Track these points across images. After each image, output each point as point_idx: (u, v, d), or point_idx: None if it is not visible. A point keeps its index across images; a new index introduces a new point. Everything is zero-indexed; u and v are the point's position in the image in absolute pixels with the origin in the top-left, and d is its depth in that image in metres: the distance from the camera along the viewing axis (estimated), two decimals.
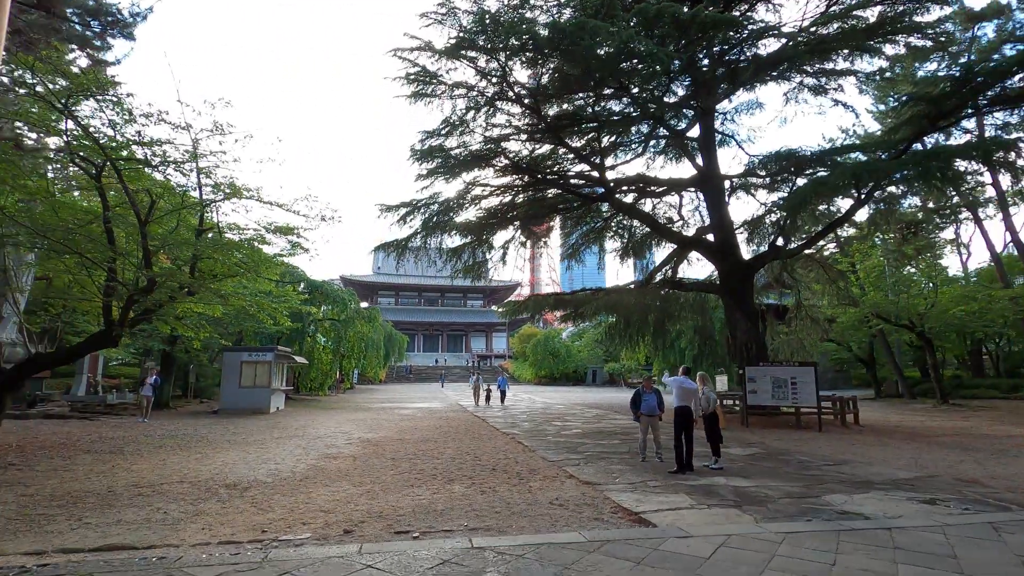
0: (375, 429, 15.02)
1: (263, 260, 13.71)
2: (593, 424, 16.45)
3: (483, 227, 20.43)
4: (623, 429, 14.98)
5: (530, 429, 14.92)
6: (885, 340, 28.03)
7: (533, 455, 10.42)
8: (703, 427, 9.28)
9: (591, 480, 7.93)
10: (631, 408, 9.85)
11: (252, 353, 19.91)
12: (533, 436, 13.35)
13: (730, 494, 7.05)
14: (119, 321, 10.90)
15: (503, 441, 12.57)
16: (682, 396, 8.80)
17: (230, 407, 19.25)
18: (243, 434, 13.68)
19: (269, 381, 19.79)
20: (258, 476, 8.34)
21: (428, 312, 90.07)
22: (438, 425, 16.10)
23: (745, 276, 18.02)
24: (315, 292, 27.39)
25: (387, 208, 17.09)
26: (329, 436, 13.43)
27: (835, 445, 11.97)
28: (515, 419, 17.93)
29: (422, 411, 21.36)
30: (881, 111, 26.98)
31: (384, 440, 12.71)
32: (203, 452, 10.76)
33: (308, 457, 10.21)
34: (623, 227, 25.57)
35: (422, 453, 10.65)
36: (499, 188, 19.01)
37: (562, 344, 55.20)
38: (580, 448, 11.28)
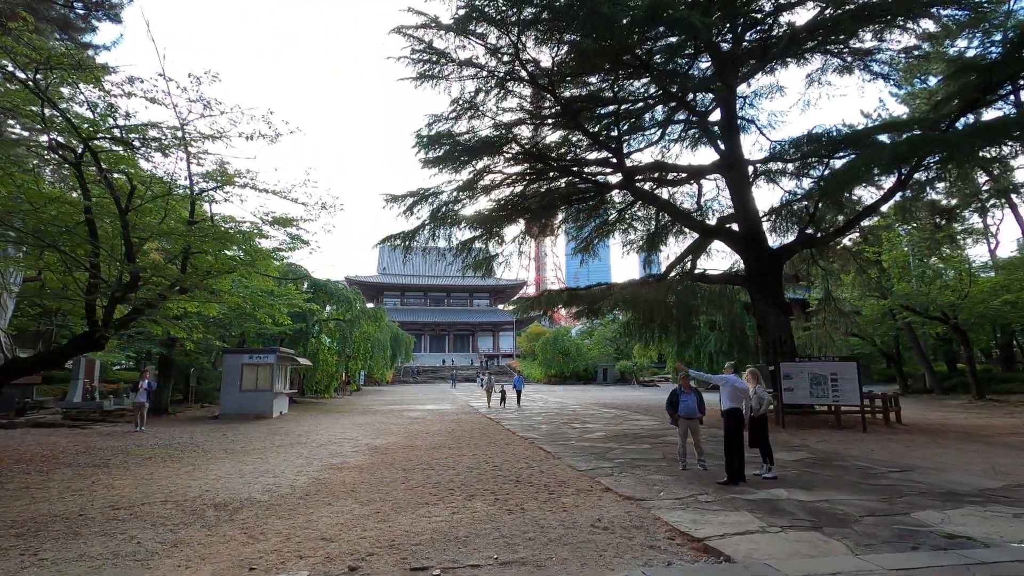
0: (383, 434, 14.05)
1: (260, 254, 12.78)
2: (615, 426, 15.42)
3: (493, 220, 19.42)
4: (649, 431, 13.94)
5: (549, 432, 13.91)
6: (913, 333, 26.83)
7: (559, 463, 9.41)
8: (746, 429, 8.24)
9: (632, 495, 6.91)
10: (667, 410, 8.83)
11: (253, 355, 19.00)
12: (554, 440, 12.34)
13: (801, 511, 6.02)
14: (103, 322, 9.98)
15: (522, 447, 11.56)
16: (733, 396, 7.76)
17: (231, 412, 18.34)
18: (242, 442, 12.73)
19: (271, 384, 18.87)
20: (253, 493, 7.37)
21: (434, 312, 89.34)
22: (450, 429, 15.12)
23: (774, 267, 16.93)
24: (319, 291, 26.46)
25: (393, 198, 16.11)
26: (334, 443, 12.47)
27: (889, 447, 10.89)
28: (531, 421, 16.93)
29: (432, 414, 20.39)
30: (906, 93, 25.77)
31: (393, 447, 11.74)
32: (195, 464, 9.81)
33: (310, 468, 9.24)
34: (637, 219, 24.56)
35: (436, 462, 9.66)
36: (510, 177, 18.00)
37: (572, 342, 54.10)
38: (609, 454, 10.26)
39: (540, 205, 19.86)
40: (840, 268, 19.60)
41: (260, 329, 23.41)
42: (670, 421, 8.83)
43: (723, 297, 17.84)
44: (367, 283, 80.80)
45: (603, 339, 52.94)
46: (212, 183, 10.80)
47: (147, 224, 9.78)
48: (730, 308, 21.33)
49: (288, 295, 20.10)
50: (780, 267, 17.26)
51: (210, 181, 10.88)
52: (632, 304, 18.53)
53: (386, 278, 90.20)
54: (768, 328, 15.59)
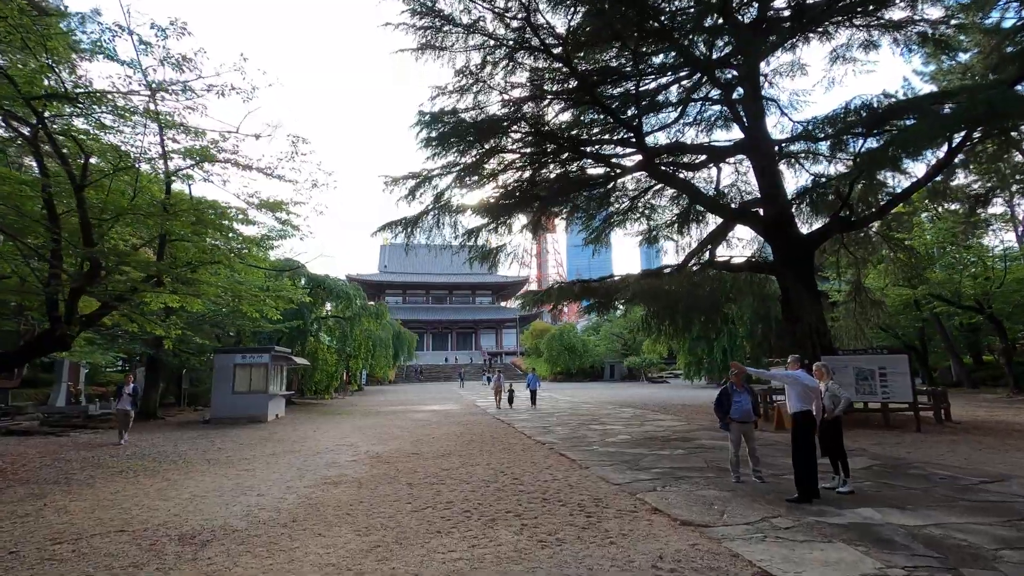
0: (385, 440, 12.82)
1: (248, 243, 11.53)
2: (637, 427, 14.17)
3: (500, 208, 18.13)
4: (677, 434, 12.70)
5: (568, 436, 12.67)
6: (941, 324, 25.56)
7: (587, 474, 8.16)
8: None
9: (689, 518, 5.66)
10: (716, 411, 7.58)
11: (246, 355, 17.77)
12: (575, 445, 11.09)
13: (913, 542, 4.76)
14: (65, 318, 8.74)
15: (542, 453, 10.31)
16: (803, 396, 6.49)
17: (223, 416, 17.12)
18: (229, 450, 11.50)
19: (266, 385, 17.65)
20: (229, 518, 6.13)
21: (436, 310, 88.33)
22: (459, 433, 13.88)
23: (806, 253, 15.65)
24: (317, 287, 25.23)
25: (393, 181, 14.81)
26: (331, 451, 11.24)
27: (958, 451, 9.62)
28: (545, 423, 15.68)
29: (437, 415, 19.16)
30: (934, 71, 24.40)
31: (397, 455, 10.50)
32: (171, 478, 8.58)
33: (302, 483, 8.01)
34: (650, 209, 23.28)
35: (446, 474, 8.42)
36: (518, 160, 16.72)
37: (578, 338, 52.83)
38: (642, 462, 9.01)
39: (549, 192, 18.59)
40: (870, 255, 18.30)
41: (256, 328, 22.23)
42: (720, 425, 7.57)
43: (753, 286, 16.58)
44: (368, 281, 79.59)
45: (610, 335, 51.71)
46: (189, 160, 9.55)
47: (112, 203, 8.51)
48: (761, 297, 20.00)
49: (283, 289, 18.89)
50: (812, 253, 15.97)
51: (187, 158, 9.64)
52: (651, 296, 17.25)
53: (387, 276, 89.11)
54: (804, 318, 14.31)
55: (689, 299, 15.58)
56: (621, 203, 23.00)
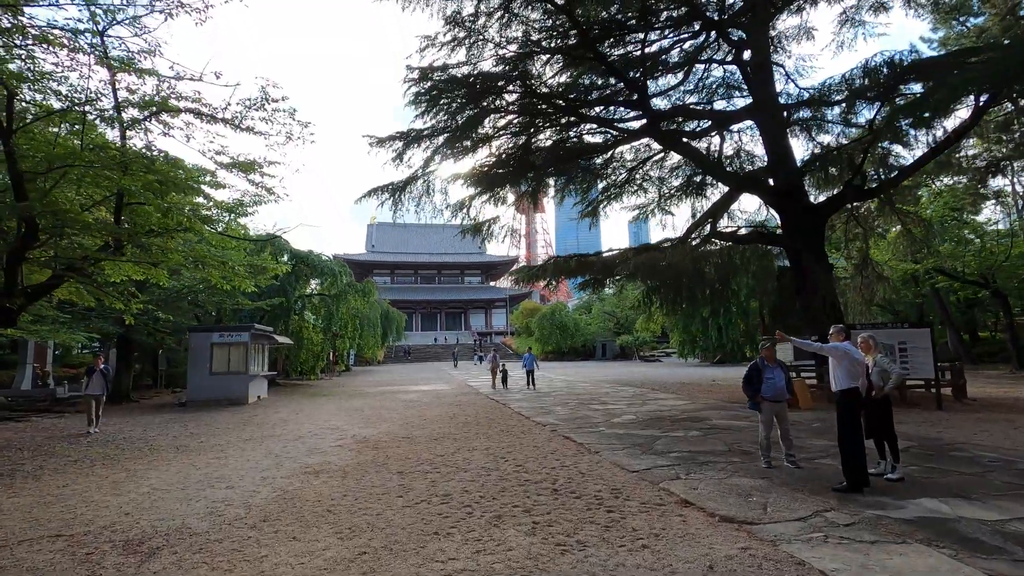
0: (374, 422, 11.95)
1: (220, 209, 10.44)
2: (640, 407, 13.44)
3: (494, 178, 17.07)
4: (686, 413, 11.97)
5: (569, 417, 11.89)
6: (941, 300, 25.11)
7: (598, 460, 7.35)
8: None
9: (728, 512, 4.86)
10: (745, 389, 6.78)
11: (224, 333, 16.72)
12: (579, 427, 10.30)
13: (1008, 543, 3.99)
14: (4, 289, 7.67)
15: (544, 436, 9.50)
16: (851, 372, 5.68)
17: (200, 398, 16.14)
18: (203, 435, 10.57)
19: (245, 366, 16.65)
20: (188, 518, 5.23)
21: (425, 290, 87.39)
22: (452, 414, 13.05)
23: (817, 223, 14.85)
24: (301, 263, 24.07)
25: (378, 142, 13.62)
26: (315, 435, 10.35)
27: (993, 431, 8.97)
28: (542, 403, 14.91)
29: (428, 395, 18.33)
30: (942, 37, 23.50)
31: (386, 439, 9.63)
32: (132, 468, 7.65)
33: (279, 473, 7.12)
34: (648, 180, 22.35)
35: (441, 461, 7.57)
36: (513, 123, 15.62)
37: (569, 317, 52.17)
38: (656, 446, 8.23)
39: (545, 160, 17.56)
40: (879, 228, 17.59)
41: (236, 305, 21.13)
42: (749, 405, 6.77)
43: (764, 258, 15.81)
44: (355, 261, 78.16)
45: (602, 313, 51.12)
46: (145, 112, 8.41)
47: (59, 156, 7.37)
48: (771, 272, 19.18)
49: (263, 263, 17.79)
50: (823, 223, 15.18)
51: (144, 110, 8.50)
52: (652, 270, 16.37)
53: (375, 256, 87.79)
54: (819, 291, 13.56)
55: (694, 272, 14.75)
56: (618, 175, 22.08)
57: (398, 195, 14.50)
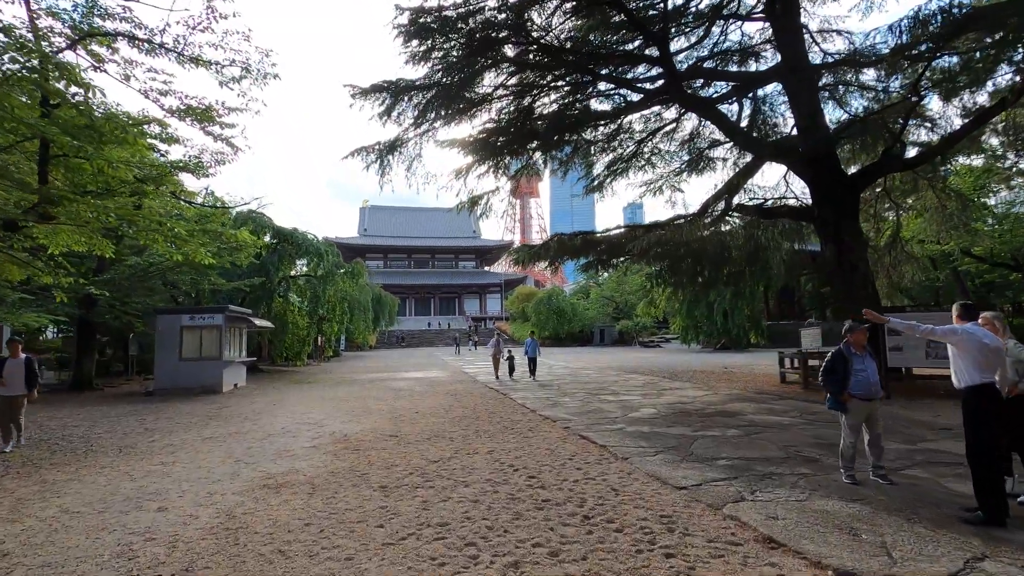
0: (358, 416, 10.50)
1: (175, 168, 8.83)
2: (657, 398, 12.06)
3: (493, 146, 15.49)
4: (712, 407, 10.59)
5: (581, 410, 10.48)
6: (963, 284, 23.86)
7: (630, 469, 5.94)
8: None
9: (840, 561, 3.44)
10: (826, 385, 5.35)
11: (195, 316, 15.15)
12: (596, 424, 8.89)
13: None
14: None
15: (556, 435, 8.08)
16: (982, 362, 4.25)
17: (168, 386, 14.63)
18: (158, 432, 9.09)
19: (220, 351, 15.13)
20: (81, 566, 3.76)
21: (418, 275, 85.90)
22: (447, 406, 11.63)
23: (852, 196, 13.42)
24: (284, 242, 22.43)
25: (362, 93, 11.89)
26: (288, 432, 8.89)
27: None
28: (548, 393, 13.51)
29: (421, 384, 16.90)
30: None
31: (370, 438, 8.19)
32: (50, 479, 6.16)
33: (231, 487, 5.66)
34: (657, 155, 20.85)
35: (436, 471, 6.13)
36: (515, 83, 14.00)
37: (567, 302, 50.74)
38: (694, 450, 6.82)
39: (549, 128, 15.97)
40: (913, 203, 16.17)
41: (213, 286, 19.53)
42: (829, 404, 5.33)
43: (794, 234, 14.38)
44: (348, 245, 76.37)
45: (600, 298, 49.77)
46: (66, 40, 6.77)
47: None
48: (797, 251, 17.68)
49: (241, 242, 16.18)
50: (858, 196, 13.74)
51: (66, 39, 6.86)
52: (668, 248, 14.92)
53: (368, 239, 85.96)
54: (855, 269, 12.17)
55: (717, 249, 13.28)
56: (625, 147, 20.56)
57: (385, 156, 12.88)
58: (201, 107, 7.70)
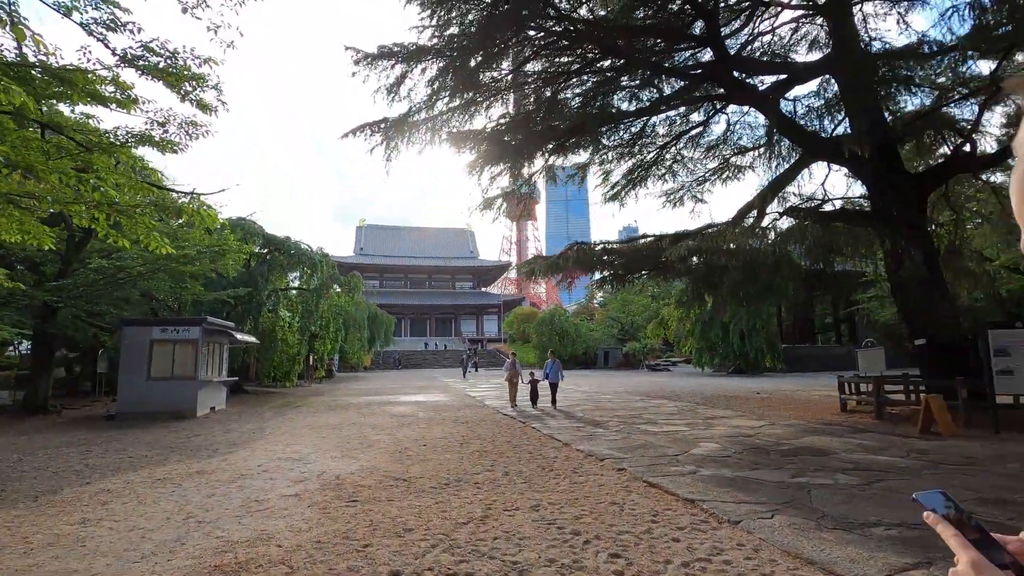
0: (354, 450, 8.58)
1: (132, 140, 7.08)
2: (707, 430, 10.19)
3: (509, 144, 13.90)
4: (789, 442, 8.73)
5: (626, 445, 8.60)
6: None
7: (755, 543, 4.09)
8: None
9: None
10: None
11: (168, 328, 13.24)
12: (656, 464, 7.02)
13: None
14: None
15: (615, 481, 6.20)
16: None
17: (133, 410, 12.65)
18: (99, 469, 7.15)
19: (195, 369, 13.19)
20: None
21: (415, 295, 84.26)
22: (461, 436, 9.72)
23: (920, 198, 11.83)
24: (275, 251, 20.61)
25: (367, 60, 10.13)
26: (265, 471, 6.97)
27: None
28: (575, 422, 11.63)
29: (424, 409, 14.96)
30: None
31: (370, 482, 6.28)
32: None
33: (167, 566, 3.77)
34: (680, 161, 19.44)
35: (469, 539, 4.25)
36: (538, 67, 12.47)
37: (570, 323, 48.90)
38: (822, 507, 4.97)
39: (571, 127, 14.43)
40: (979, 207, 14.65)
41: (195, 297, 17.64)
42: None
43: (858, 240, 12.67)
44: (343, 263, 74.18)
45: (606, 318, 47.97)
46: None
47: None
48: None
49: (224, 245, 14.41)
50: (926, 198, 12.15)
51: None
52: (711, 257, 13.19)
53: (364, 259, 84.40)
54: (930, 281, 10.50)
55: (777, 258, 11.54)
56: (647, 153, 19.15)
57: (392, 135, 11.12)
58: (163, 51, 6.00)
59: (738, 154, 19.13)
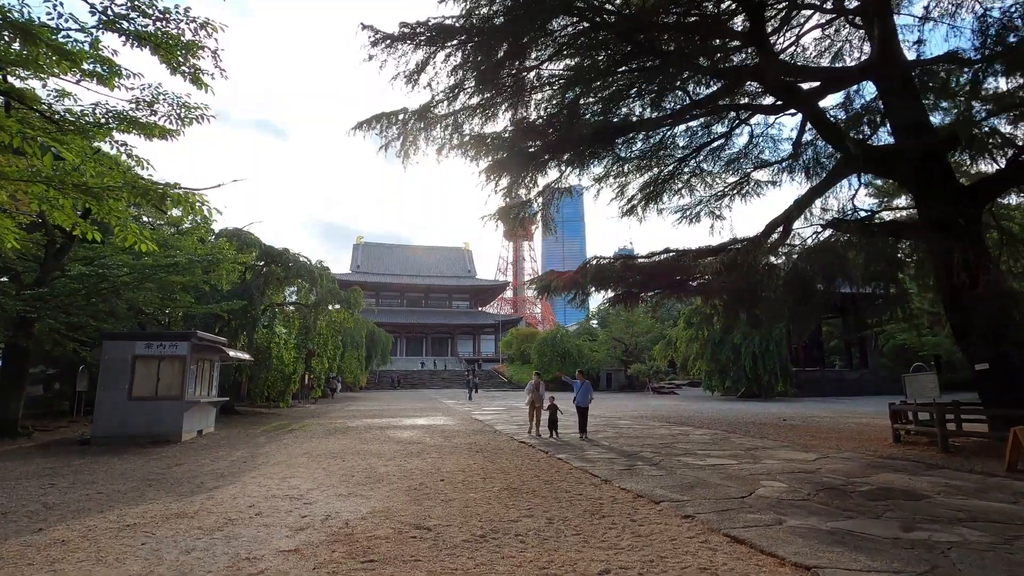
0: (361, 484, 7.41)
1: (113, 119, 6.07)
2: (756, 463, 9.07)
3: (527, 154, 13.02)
4: (864, 482, 7.62)
5: (677, 483, 7.47)
6: None
7: None
8: None
9: None
10: None
11: (152, 343, 12.08)
12: (728, 511, 5.90)
13: None
14: None
15: (687, 534, 5.07)
16: None
17: (111, 433, 11.42)
18: (56, 512, 5.97)
19: (182, 388, 12.00)
20: None
21: (411, 314, 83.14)
22: (482, 470, 8.56)
23: (974, 209, 10.95)
24: (273, 263, 19.52)
25: (386, 42, 9.14)
26: (259, 514, 5.81)
27: None
28: (604, 452, 10.49)
29: (431, 434, 13.77)
30: None
31: (385, 531, 5.14)
32: None
33: None
34: (699, 175, 18.69)
35: None
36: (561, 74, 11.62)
37: (572, 343, 47.70)
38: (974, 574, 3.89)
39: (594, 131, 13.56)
40: None
41: (189, 310, 16.49)
42: None
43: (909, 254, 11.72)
44: (340, 281, 73.24)
45: (610, 339, 46.84)
46: None
47: None
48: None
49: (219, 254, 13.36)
50: (981, 210, 11.27)
51: None
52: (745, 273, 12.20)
53: (360, 276, 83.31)
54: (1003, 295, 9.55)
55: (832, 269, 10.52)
56: (665, 165, 18.41)
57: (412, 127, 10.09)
58: (152, 9, 5.02)
59: (759, 168, 18.40)
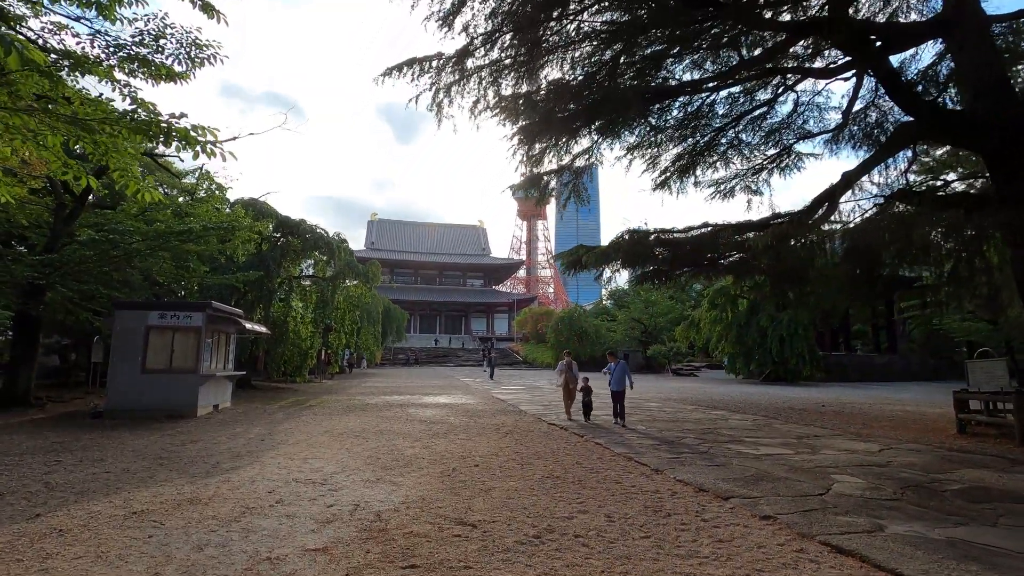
0: (389, 468, 6.79)
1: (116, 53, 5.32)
2: (814, 454, 8.31)
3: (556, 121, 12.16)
4: (947, 478, 6.84)
5: (737, 475, 6.74)
6: None
7: None
8: None
9: None
10: None
11: (166, 313, 11.54)
12: (811, 510, 5.16)
13: None
14: None
15: (774, 540, 4.34)
16: None
17: (125, 406, 10.97)
18: (58, 493, 5.42)
19: (197, 361, 11.48)
20: None
21: (425, 291, 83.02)
22: (516, 454, 7.91)
23: None
24: (290, 234, 18.90)
25: None
26: (280, 500, 5.20)
27: None
28: (642, 438, 9.80)
29: (454, 413, 13.19)
30: None
31: (422, 525, 4.48)
32: None
33: None
34: (736, 146, 17.60)
35: None
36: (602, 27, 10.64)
37: (590, 323, 46.93)
38: None
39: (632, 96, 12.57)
40: None
41: (205, 280, 15.98)
42: None
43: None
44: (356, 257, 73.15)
45: (629, 319, 45.99)
46: None
47: None
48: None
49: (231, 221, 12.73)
50: None
51: None
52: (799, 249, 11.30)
53: (375, 253, 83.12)
54: None
55: (908, 244, 9.51)
56: (702, 135, 17.33)
57: (446, 76, 9.20)
58: None
59: (802, 139, 17.28)
